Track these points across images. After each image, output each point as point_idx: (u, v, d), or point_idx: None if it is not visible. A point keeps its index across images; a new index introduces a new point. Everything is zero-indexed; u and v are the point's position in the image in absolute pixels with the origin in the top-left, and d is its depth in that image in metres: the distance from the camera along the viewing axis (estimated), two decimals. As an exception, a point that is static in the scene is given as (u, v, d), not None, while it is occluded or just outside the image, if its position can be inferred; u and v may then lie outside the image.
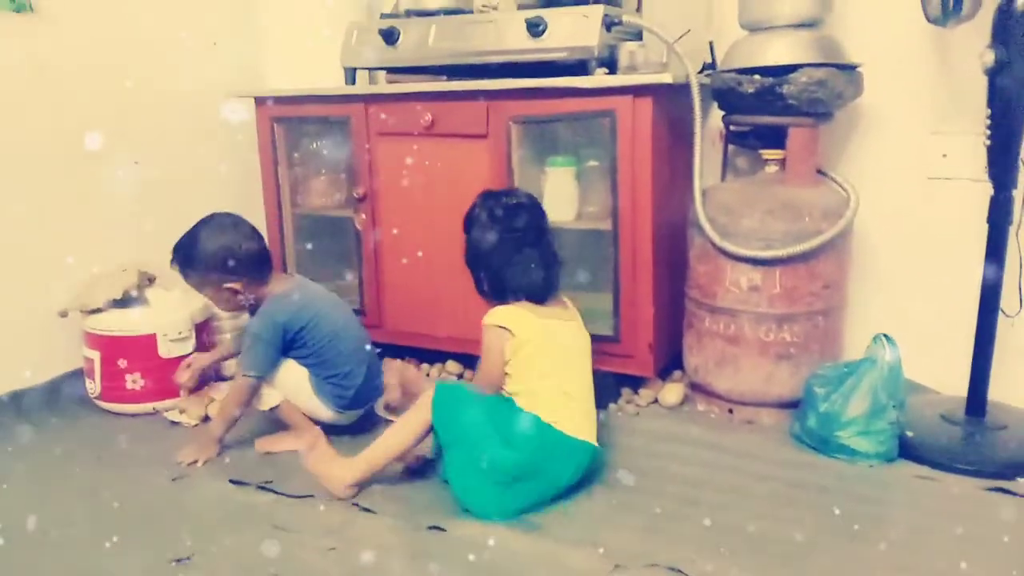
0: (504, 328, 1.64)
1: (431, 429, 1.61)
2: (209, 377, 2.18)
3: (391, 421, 1.82)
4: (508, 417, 1.59)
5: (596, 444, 1.66)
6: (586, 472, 1.65)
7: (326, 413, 1.88)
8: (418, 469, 1.72)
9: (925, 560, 1.40)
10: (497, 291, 1.72)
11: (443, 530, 1.51)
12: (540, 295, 1.71)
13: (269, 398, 1.86)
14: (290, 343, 1.83)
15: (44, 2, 2.08)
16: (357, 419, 1.93)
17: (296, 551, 1.45)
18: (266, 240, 1.95)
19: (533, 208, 1.74)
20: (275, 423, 1.93)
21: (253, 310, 1.89)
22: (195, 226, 1.85)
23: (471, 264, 1.76)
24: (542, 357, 1.64)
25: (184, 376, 2.01)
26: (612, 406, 2.03)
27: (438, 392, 1.61)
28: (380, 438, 1.65)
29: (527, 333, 1.64)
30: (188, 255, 1.82)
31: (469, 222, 1.75)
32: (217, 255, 1.81)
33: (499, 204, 1.72)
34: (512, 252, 1.69)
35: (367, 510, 1.59)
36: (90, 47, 2.20)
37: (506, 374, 1.66)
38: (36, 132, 2.09)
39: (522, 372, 1.64)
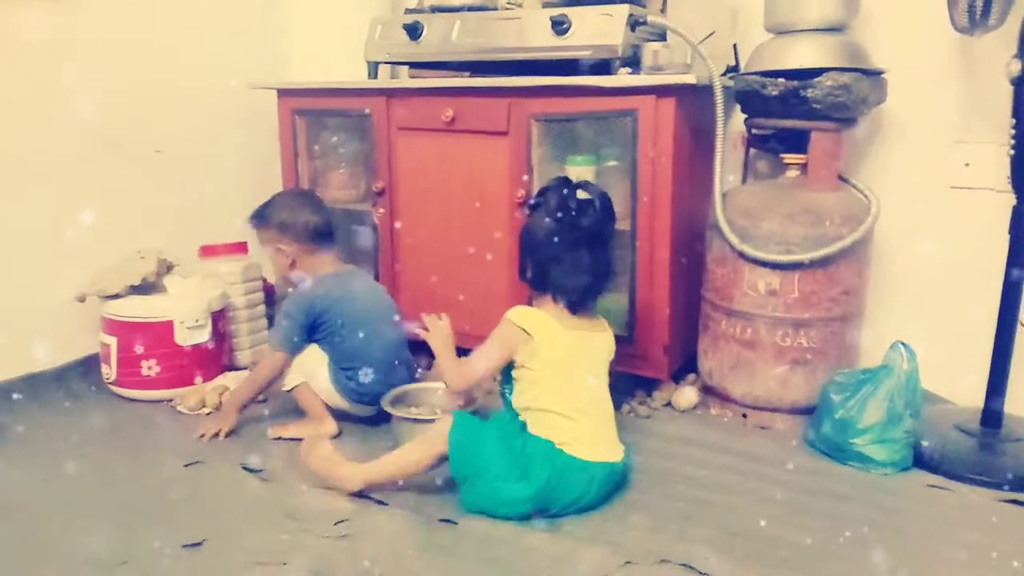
0: (524, 330, 1.60)
1: (443, 459, 1.55)
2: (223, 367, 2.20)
3: (400, 417, 1.80)
4: (524, 446, 1.54)
5: (620, 460, 1.61)
6: (613, 486, 1.61)
7: (340, 402, 1.90)
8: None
9: (936, 570, 1.39)
10: (538, 282, 1.67)
11: (454, 523, 1.51)
12: (576, 302, 1.64)
13: (288, 379, 1.89)
14: (312, 326, 1.88)
15: (70, -11, 2.10)
16: (374, 413, 1.92)
17: (307, 539, 1.45)
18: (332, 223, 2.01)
19: (604, 210, 1.66)
20: (290, 410, 1.95)
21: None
22: (277, 193, 2.04)
23: (521, 247, 1.71)
24: (557, 369, 1.59)
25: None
26: (625, 407, 2.03)
27: (456, 425, 1.55)
28: (390, 456, 1.61)
29: (546, 338, 1.60)
30: (260, 213, 1.98)
31: (535, 205, 1.69)
32: (279, 216, 1.95)
33: (572, 196, 1.64)
34: (565, 250, 1.62)
35: (379, 501, 1.59)
36: (114, 36, 2.21)
37: (513, 380, 1.63)
38: (58, 118, 2.10)
39: (534, 384, 1.60)
